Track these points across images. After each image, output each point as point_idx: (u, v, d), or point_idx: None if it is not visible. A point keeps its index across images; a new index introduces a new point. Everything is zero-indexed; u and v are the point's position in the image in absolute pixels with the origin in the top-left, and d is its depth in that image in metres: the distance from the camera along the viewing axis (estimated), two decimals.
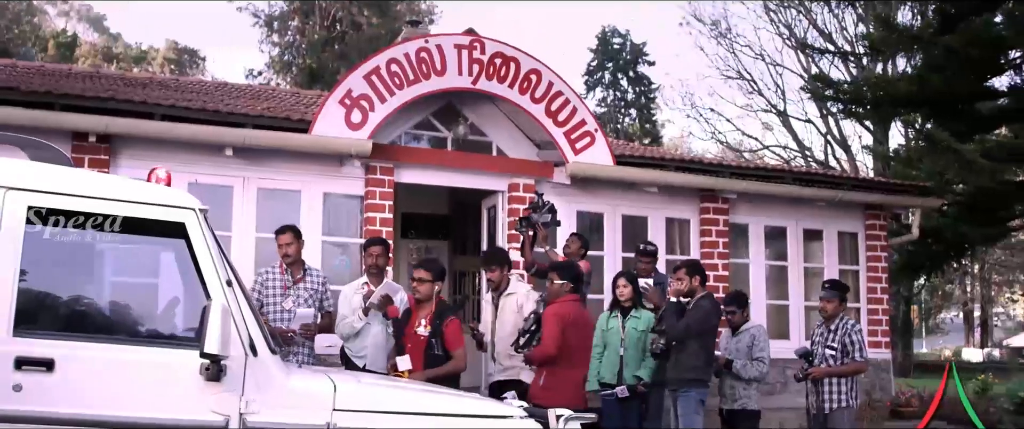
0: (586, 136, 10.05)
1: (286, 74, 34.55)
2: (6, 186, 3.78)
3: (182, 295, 4.14)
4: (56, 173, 3.99)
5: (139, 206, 3.96)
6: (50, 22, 47.78)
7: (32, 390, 3.64)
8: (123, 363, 3.79)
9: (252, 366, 3.91)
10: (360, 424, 4.00)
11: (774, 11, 29.76)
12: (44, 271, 3.91)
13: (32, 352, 3.67)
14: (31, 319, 3.78)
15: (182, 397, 3.80)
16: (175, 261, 4.12)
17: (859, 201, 11.88)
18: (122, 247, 4.22)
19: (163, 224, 3.99)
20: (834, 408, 7.58)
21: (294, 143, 8.94)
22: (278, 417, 3.90)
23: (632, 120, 41.40)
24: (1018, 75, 13.74)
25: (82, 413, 3.66)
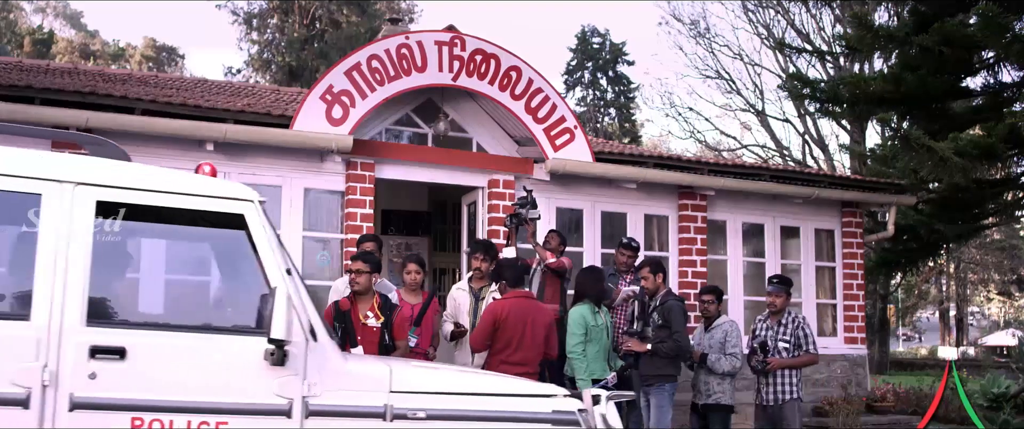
0: (566, 133, 10.12)
1: (265, 72, 34.46)
2: (75, 181, 3.92)
3: (243, 284, 4.25)
4: (121, 168, 4.11)
5: (200, 199, 4.09)
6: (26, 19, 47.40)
7: (106, 377, 3.78)
8: (190, 350, 3.93)
9: (313, 351, 4.06)
10: (416, 404, 4.18)
11: (752, 11, 29.98)
12: (113, 263, 4.06)
13: (105, 341, 3.81)
14: (103, 309, 3.94)
15: (247, 382, 3.95)
16: (235, 251, 4.23)
17: (835, 198, 12.02)
18: (185, 239, 4.38)
19: (223, 216, 4.11)
20: (786, 400, 7.82)
21: (275, 138, 8.96)
22: (338, 400, 4.07)
23: (611, 119, 41.56)
24: (991, 75, 13.88)
25: (152, 399, 3.81)
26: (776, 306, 8.05)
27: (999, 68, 13.67)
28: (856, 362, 12.20)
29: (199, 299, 4.49)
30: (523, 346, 6.96)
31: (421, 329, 7.25)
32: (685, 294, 10.80)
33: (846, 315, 12.21)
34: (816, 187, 11.76)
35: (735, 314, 10.89)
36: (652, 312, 7.82)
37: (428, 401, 4.24)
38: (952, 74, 13.68)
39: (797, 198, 11.70)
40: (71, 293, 3.81)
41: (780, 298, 8.06)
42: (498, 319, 6.96)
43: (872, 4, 22.08)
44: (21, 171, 3.90)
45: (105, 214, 3.94)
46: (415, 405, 4.20)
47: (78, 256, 3.86)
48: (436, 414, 4.22)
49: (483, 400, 4.39)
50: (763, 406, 7.97)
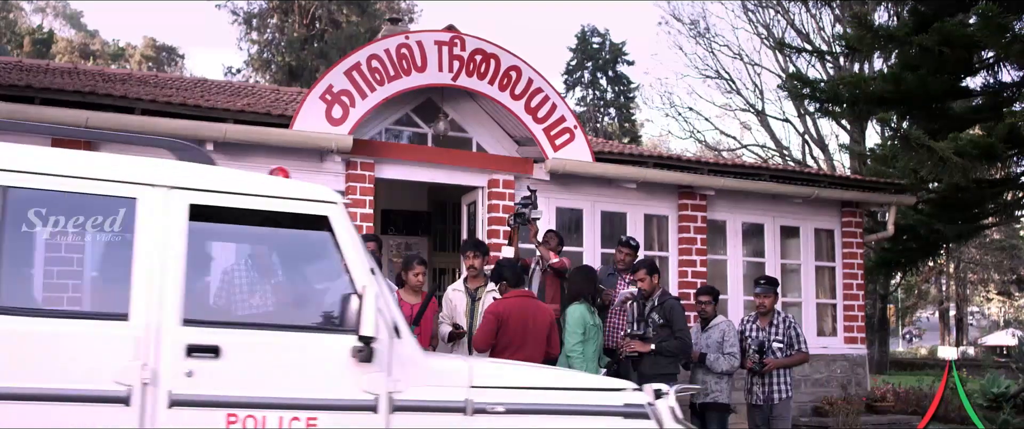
0: (565, 132, 10.12)
1: (265, 72, 34.46)
2: (169, 186, 4.04)
3: (328, 284, 4.33)
4: (212, 173, 4.24)
5: (286, 201, 4.21)
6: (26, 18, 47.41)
7: (201, 375, 3.90)
8: (281, 348, 4.05)
9: (396, 348, 4.17)
10: (495, 399, 4.29)
11: (752, 11, 29.98)
12: (206, 264, 4.22)
13: (201, 340, 3.92)
14: (198, 309, 4.07)
15: (335, 379, 4.07)
16: (320, 251, 4.33)
17: (835, 198, 12.02)
18: (272, 240, 4.53)
19: (309, 218, 4.23)
20: (781, 399, 7.93)
21: (275, 138, 8.96)
22: (421, 395, 4.18)
23: (611, 119, 41.57)
24: (991, 75, 13.89)
25: (245, 396, 3.93)
26: (765, 307, 8.15)
27: (999, 68, 13.68)
28: (856, 362, 12.20)
29: (287, 298, 4.56)
30: (525, 345, 6.96)
31: (420, 329, 7.25)
32: (685, 294, 10.81)
33: (846, 315, 12.22)
34: (816, 187, 11.76)
35: (735, 314, 10.89)
36: (651, 312, 7.84)
37: (505, 396, 4.35)
38: (952, 74, 13.68)
39: (797, 198, 11.70)
40: (168, 294, 3.93)
41: (769, 299, 8.15)
42: (500, 319, 6.96)
43: (872, 4, 22.09)
44: (118, 176, 4.02)
45: (198, 217, 4.06)
46: (493, 400, 4.30)
47: (173, 258, 3.98)
48: (513, 408, 4.32)
49: (557, 394, 4.50)
50: (756, 405, 8.04)
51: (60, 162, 4.02)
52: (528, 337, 7.00)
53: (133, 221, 3.98)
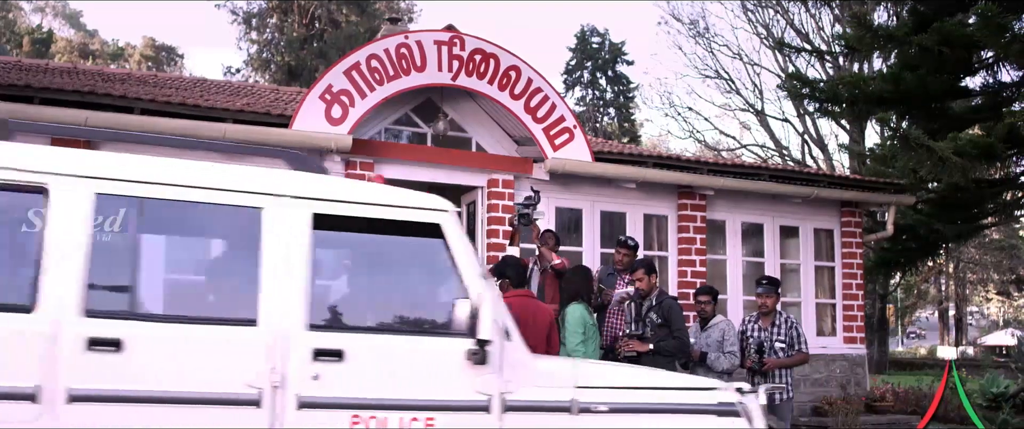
0: (565, 132, 10.12)
1: (264, 72, 34.45)
2: (294, 196, 4.21)
3: (442, 289, 4.50)
4: (332, 183, 4.44)
5: (402, 210, 4.40)
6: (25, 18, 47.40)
7: (327, 378, 4.06)
8: (400, 351, 4.24)
9: (507, 350, 4.35)
10: (598, 399, 4.45)
11: (751, 11, 29.98)
12: (329, 272, 4.40)
13: (326, 344, 4.09)
14: (322, 314, 4.26)
15: (451, 380, 4.24)
16: (434, 258, 4.49)
17: (835, 198, 12.03)
18: (388, 247, 4.64)
19: (422, 226, 4.41)
20: (782, 399, 7.93)
21: (274, 138, 8.96)
22: (530, 395, 4.35)
23: (611, 119, 41.57)
24: (991, 75, 13.89)
25: (368, 397, 4.10)
26: (767, 307, 8.13)
27: (998, 68, 13.68)
28: (855, 362, 12.21)
29: (405, 303, 4.67)
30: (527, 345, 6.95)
31: None
32: (684, 294, 10.81)
33: (845, 315, 12.22)
34: (815, 187, 11.77)
35: (734, 314, 10.90)
36: (648, 312, 7.84)
37: (608, 395, 4.51)
38: (951, 74, 13.68)
39: (796, 198, 11.70)
40: (294, 300, 4.09)
41: (771, 299, 8.14)
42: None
43: (871, 4, 22.08)
44: (245, 187, 4.19)
45: (320, 226, 4.22)
46: (597, 399, 4.45)
47: (299, 265, 4.14)
48: (616, 407, 4.48)
49: (655, 393, 4.66)
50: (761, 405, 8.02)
51: (191, 174, 4.17)
52: (528, 337, 6.98)
53: (259, 230, 4.14)
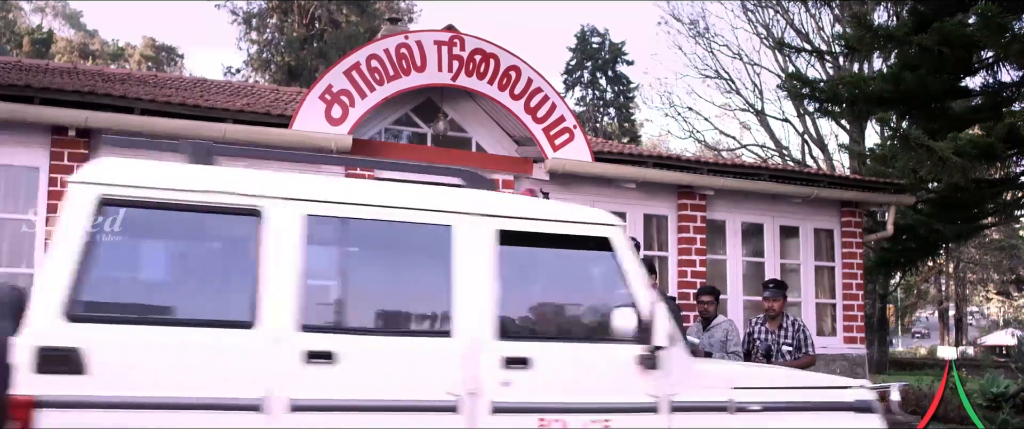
0: (565, 132, 10.12)
1: (264, 72, 34.45)
2: (481, 214, 4.52)
3: (611, 298, 4.73)
4: (513, 201, 4.82)
5: (574, 225, 4.71)
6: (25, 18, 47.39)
7: (516, 384, 4.36)
8: (579, 358, 4.54)
9: (672, 354, 4.62)
10: (752, 399, 4.77)
11: (751, 11, 29.98)
12: (512, 284, 4.59)
13: (515, 352, 4.39)
14: (510, 325, 4.52)
15: (624, 384, 4.54)
16: (604, 269, 4.83)
17: (835, 198, 12.02)
18: (564, 260, 4.96)
19: (594, 239, 4.72)
20: None
21: (274, 138, 8.96)
22: (693, 396, 4.64)
23: (611, 119, 41.57)
24: (991, 75, 13.89)
25: (551, 401, 4.39)
26: (775, 310, 8.05)
27: (998, 68, 13.67)
28: (855, 362, 12.20)
29: (581, 312, 4.99)
30: None
31: None
32: (684, 294, 10.81)
33: (845, 315, 12.21)
34: (815, 187, 11.76)
35: (734, 314, 10.90)
36: None
37: (760, 395, 4.81)
38: (951, 74, 13.68)
39: (796, 198, 11.70)
40: (485, 312, 4.39)
41: (778, 302, 8.06)
42: None
43: (871, 4, 22.07)
44: (437, 206, 4.49)
45: (504, 241, 4.51)
46: (751, 399, 4.75)
47: (488, 279, 4.43)
48: (768, 406, 4.77)
49: (800, 392, 4.95)
50: None
51: (389, 194, 4.49)
52: None
53: (450, 247, 4.42)
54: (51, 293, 3.81)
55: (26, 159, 8.40)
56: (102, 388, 3.77)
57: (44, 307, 3.80)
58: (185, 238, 4.34)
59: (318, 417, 4.04)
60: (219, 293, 4.28)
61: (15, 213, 8.41)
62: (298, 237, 4.19)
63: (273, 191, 4.24)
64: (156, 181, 4.09)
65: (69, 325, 3.80)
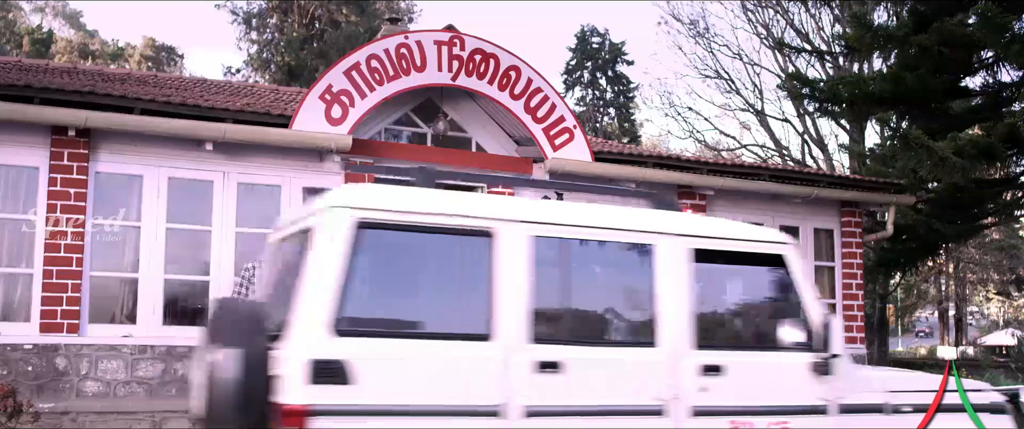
0: (565, 132, 10.12)
1: (264, 72, 34.42)
2: (678, 234, 4.94)
3: (785, 310, 5.22)
4: (702, 221, 5.39)
5: (753, 243, 5.19)
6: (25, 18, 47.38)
7: (711, 389, 4.78)
8: (763, 365, 5.01)
9: (840, 362, 5.06)
10: (904, 400, 5.26)
11: (751, 11, 29.93)
12: (704, 298, 5.04)
13: (710, 361, 4.82)
14: (704, 336, 4.90)
15: (800, 388, 5.00)
16: (779, 284, 5.30)
17: (835, 198, 12.02)
18: (744, 275, 5.44)
19: (769, 256, 5.19)
20: None
21: (274, 138, 8.96)
22: (856, 399, 5.10)
23: (611, 119, 41.55)
24: (990, 75, 13.90)
25: (740, 404, 4.82)
26: None
27: (998, 68, 13.68)
28: (855, 362, 12.18)
29: (762, 323, 5.41)
30: None
31: None
32: None
33: (845, 315, 12.20)
34: (815, 187, 11.76)
35: None
36: None
37: (910, 398, 5.29)
38: (951, 74, 13.69)
39: (796, 198, 11.70)
40: (683, 324, 4.81)
41: None
42: None
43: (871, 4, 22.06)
44: (642, 227, 4.92)
45: (697, 259, 4.92)
46: (903, 401, 5.25)
47: (685, 293, 4.84)
48: (917, 407, 5.26)
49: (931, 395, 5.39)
50: None
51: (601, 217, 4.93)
52: None
53: (653, 264, 4.85)
54: (318, 310, 4.11)
55: (26, 159, 8.40)
56: (365, 397, 4.09)
57: (312, 323, 4.09)
58: (428, 257, 4.66)
59: (548, 421, 4.42)
60: (459, 308, 4.65)
61: (15, 213, 8.41)
62: (526, 256, 4.56)
63: (503, 214, 4.63)
64: (403, 205, 4.46)
65: (336, 339, 4.10)
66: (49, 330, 8.24)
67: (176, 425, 7.94)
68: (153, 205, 8.77)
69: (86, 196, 8.46)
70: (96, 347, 8.42)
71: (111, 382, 8.44)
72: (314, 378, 4.02)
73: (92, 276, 8.54)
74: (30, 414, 7.06)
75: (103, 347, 8.45)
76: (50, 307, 8.26)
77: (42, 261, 8.28)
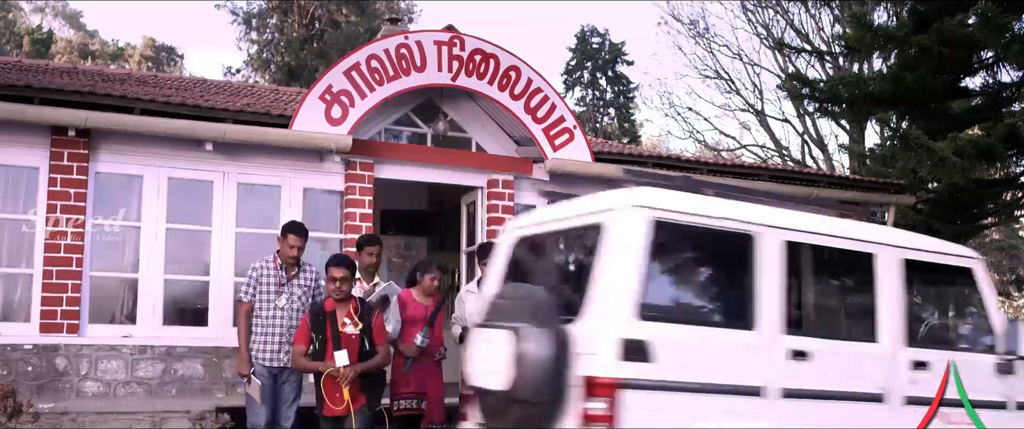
0: (565, 132, 10.12)
1: (264, 72, 34.40)
2: (894, 245, 5.75)
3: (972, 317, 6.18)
4: (911, 236, 6.04)
5: (950, 256, 6.04)
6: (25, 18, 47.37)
7: (919, 382, 5.61)
8: (966, 364, 5.83)
9: (1020, 363, 5.96)
10: None
11: (751, 11, 29.92)
12: (911, 302, 5.77)
13: (919, 358, 5.65)
14: (912, 335, 5.73)
15: (986, 385, 5.86)
16: (966, 293, 6.27)
17: (835, 198, 12.00)
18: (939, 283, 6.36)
19: (961, 269, 6.07)
20: None
21: (274, 138, 8.96)
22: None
23: (611, 119, 41.50)
24: (990, 75, 13.89)
25: (945, 397, 5.63)
26: None
27: (998, 68, 13.67)
28: None
29: (956, 327, 6.33)
30: None
31: (433, 330, 7.27)
32: None
33: None
34: (815, 187, 11.75)
35: None
36: None
37: None
38: (951, 74, 13.68)
39: (796, 198, 11.66)
40: (897, 324, 5.60)
41: None
42: None
43: (871, 4, 22.05)
44: (867, 237, 5.73)
45: (909, 268, 5.71)
46: None
47: (897, 297, 5.61)
48: None
49: None
50: None
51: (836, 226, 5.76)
52: None
53: (873, 271, 5.62)
54: (625, 296, 4.74)
55: (26, 159, 8.40)
56: (662, 373, 4.75)
57: (621, 308, 4.73)
58: (703, 254, 5.42)
59: (799, 403, 5.10)
60: (728, 300, 5.42)
61: (15, 213, 8.41)
62: (780, 257, 5.22)
63: (764, 220, 5.29)
64: (686, 207, 5.12)
65: (640, 323, 4.74)
66: (49, 330, 8.24)
67: (176, 425, 7.94)
68: (153, 205, 8.77)
69: (86, 196, 8.46)
70: (96, 347, 8.42)
71: (111, 382, 8.43)
72: (624, 355, 4.66)
73: (92, 276, 8.54)
74: (30, 414, 7.05)
75: (103, 347, 8.44)
76: (50, 307, 8.25)
77: (42, 261, 8.28)
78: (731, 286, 5.39)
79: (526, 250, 5.93)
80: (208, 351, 8.76)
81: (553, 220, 5.71)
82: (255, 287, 6.98)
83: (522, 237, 5.96)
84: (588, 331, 4.74)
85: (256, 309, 6.93)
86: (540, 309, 4.90)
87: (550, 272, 5.74)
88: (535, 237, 5.86)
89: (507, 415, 4.99)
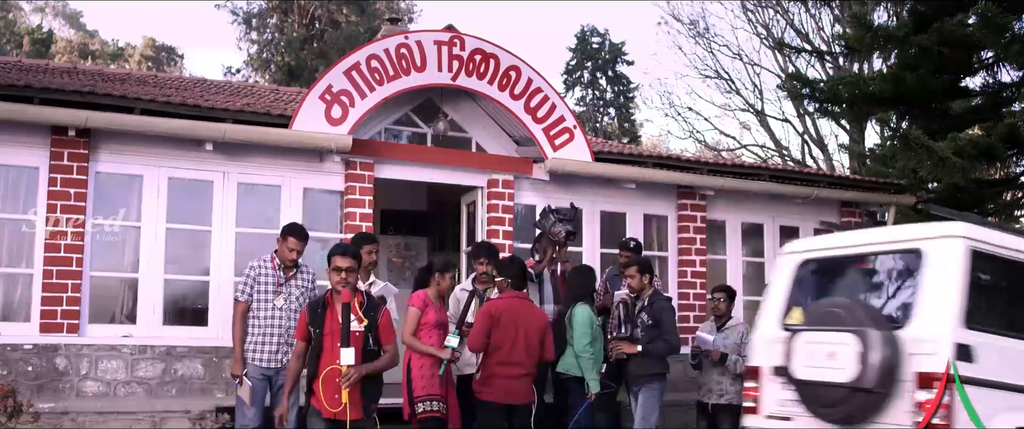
0: (565, 132, 10.12)
1: (264, 72, 34.40)
2: (959, 236, 6.15)
3: None
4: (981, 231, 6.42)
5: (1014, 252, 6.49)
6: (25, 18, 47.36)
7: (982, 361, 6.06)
8: None
9: None
10: None
11: (751, 11, 29.91)
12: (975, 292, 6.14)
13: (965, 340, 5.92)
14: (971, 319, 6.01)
15: None
16: None
17: (835, 198, 12.02)
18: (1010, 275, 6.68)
19: None
20: None
21: (274, 138, 8.96)
22: None
23: (611, 119, 41.50)
24: (990, 75, 13.89)
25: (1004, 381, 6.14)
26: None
27: (998, 68, 13.67)
28: None
29: None
30: (516, 348, 6.97)
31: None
32: (684, 294, 10.81)
33: None
34: (815, 187, 11.76)
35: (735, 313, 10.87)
36: (640, 312, 7.83)
37: None
38: (951, 74, 13.68)
39: (796, 198, 11.69)
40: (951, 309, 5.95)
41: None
42: (493, 318, 6.96)
43: (871, 4, 22.05)
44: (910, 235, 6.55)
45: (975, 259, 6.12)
46: None
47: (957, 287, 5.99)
48: None
49: None
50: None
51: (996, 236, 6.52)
52: (519, 338, 7.00)
53: None
54: (953, 308, 5.93)
55: (26, 159, 8.39)
56: (982, 372, 5.86)
57: (951, 317, 5.91)
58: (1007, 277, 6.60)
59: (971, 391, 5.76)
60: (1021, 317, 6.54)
61: (15, 213, 8.41)
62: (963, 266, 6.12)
63: (931, 234, 6.31)
64: (991, 239, 6.33)
65: (965, 331, 5.90)
66: (49, 330, 8.23)
67: (176, 425, 7.95)
68: (153, 205, 8.77)
69: (86, 196, 8.46)
70: (96, 347, 8.42)
71: (111, 382, 8.43)
72: (955, 356, 5.77)
73: (92, 276, 8.53)
74: (30, 414, 7.06)
75: (103, 347, 8.44)
76: (50, 307, 8.25)
77: (42, 261, 8.27)
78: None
79: (812, 270, 7.01)
80: (208, 351, 8.76)
81: (850, 245, 6.88)
82: (252, 286, 6.97)
83: (808, 259, 7.00)
84: (920, 336, 5.87)
85: (253, 309, 6.92)
86: (877, 316, 6.06)
87: (849, 288, 6.74)
88: (825, 259, 7.00)
89: (847, 404, 5.96)
